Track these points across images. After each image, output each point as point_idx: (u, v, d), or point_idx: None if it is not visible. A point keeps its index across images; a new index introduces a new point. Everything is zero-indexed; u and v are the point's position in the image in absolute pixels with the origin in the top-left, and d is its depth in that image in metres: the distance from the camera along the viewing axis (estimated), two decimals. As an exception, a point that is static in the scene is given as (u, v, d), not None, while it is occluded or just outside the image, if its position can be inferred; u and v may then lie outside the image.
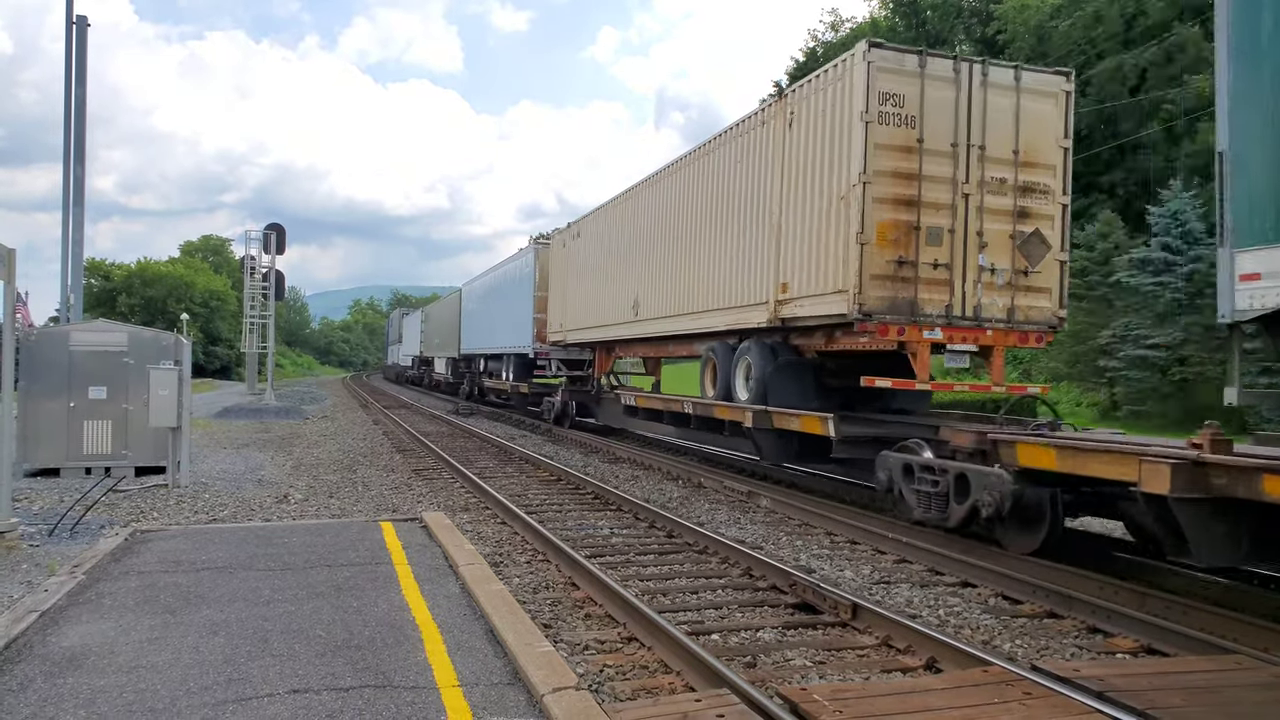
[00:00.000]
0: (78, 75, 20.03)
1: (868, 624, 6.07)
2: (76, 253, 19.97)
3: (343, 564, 7.02)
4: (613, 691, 4.90)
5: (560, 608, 6.58)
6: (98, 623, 5.42)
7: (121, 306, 65.42)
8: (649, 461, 15.24)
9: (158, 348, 12.66)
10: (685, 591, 7.09)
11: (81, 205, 20.02)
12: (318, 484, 12.73)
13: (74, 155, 19.85)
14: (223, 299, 72.62)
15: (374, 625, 5.42)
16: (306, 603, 5.90)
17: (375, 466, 15.01)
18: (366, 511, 10.39)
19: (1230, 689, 4.62)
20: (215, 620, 5.48)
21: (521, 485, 12.93)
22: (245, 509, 10.40)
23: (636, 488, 12.68)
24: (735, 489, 12.09)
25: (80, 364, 12.42)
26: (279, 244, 35.31)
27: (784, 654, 5.59)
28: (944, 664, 5.33)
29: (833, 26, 39.81)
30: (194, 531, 8.48)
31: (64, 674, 4.55)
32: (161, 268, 72.80)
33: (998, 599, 7.01)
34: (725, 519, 10.34)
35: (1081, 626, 6.29)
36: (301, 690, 4.37)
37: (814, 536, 9.42)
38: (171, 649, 4.94)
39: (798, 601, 6.71)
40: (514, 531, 9.44)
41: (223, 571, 6.73)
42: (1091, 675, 4.73)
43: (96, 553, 7.26)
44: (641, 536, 9.32)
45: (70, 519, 8.90)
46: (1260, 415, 19.04)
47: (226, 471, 13.63)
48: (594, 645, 5.70)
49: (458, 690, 4.40)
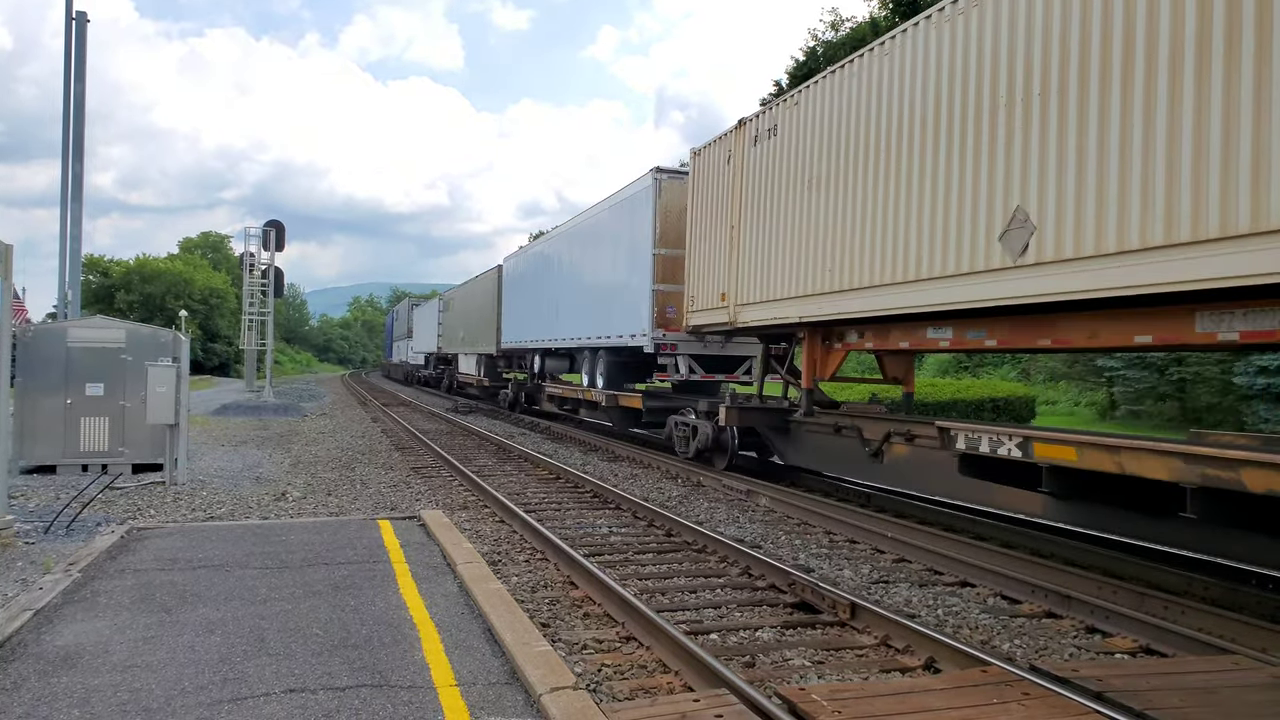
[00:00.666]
0: (77, 71, 20.01)
1: (866, 624, 6.06)
2: (75, 249, 19.95)
3: (340, 562, 7.00)
4: (611, 691, 4.89)
5: (558, 607, 6.57)
6: (93, 621, 5.40)
7: (120, 303, 65.34)
8: (648, 460, 15.24)
9: (156, 344, 12.63)
10: (684, 591, 7.08)
11: (80, 201, 20.01)
12: (316, 482, 12.71)
13: (73, 151, 19.83)
14: (222, 296, 72.55)
15: (371, 624, 5.40)
16: (303, 601, 5.88)
17: (373, 464, 14.99)
18: (364, 509, 10.37)
19: (1228, 689, 4.62)
20: (211, 619, 5.46)
21: (520, 483, 12.92)
22: (243, 507, 10.38)
23: (635, 486, 12.66)
24: (734, 488, 12.08)
25: (78, 360, 12.39)
26: (278, 241, 35.24)
27: (783, 654, 5.58)
28: (943, 664, 5.32)
29: (833, 26, 39.75)
30: (191, 529, 8.46)
31: (58, 673, 4.53)
32: (160, 264, 72.72)
33: (996, 599, 7.01)
34: (724, 518, 10.33)
35: (1080, 626, 6.28)
36: (298, 690, 4.36)
37: (813, 535, 9.41)
38: (167, 648, 4.92)
39: (796, 601, 6.71)
40: (512, 530, 9.43)
41: (219, 569, 6.71)
42: (1090, 675, 4.73)
43: (92, 550, 7.24)
44: (640, 535, 9.31)
45: (66, 516, 8.88)
46: (1259, 415, 19.04)
47: (224, 469, 13.62)
48: (592, 644, 5.69)
49: (455, 689, 4.39)
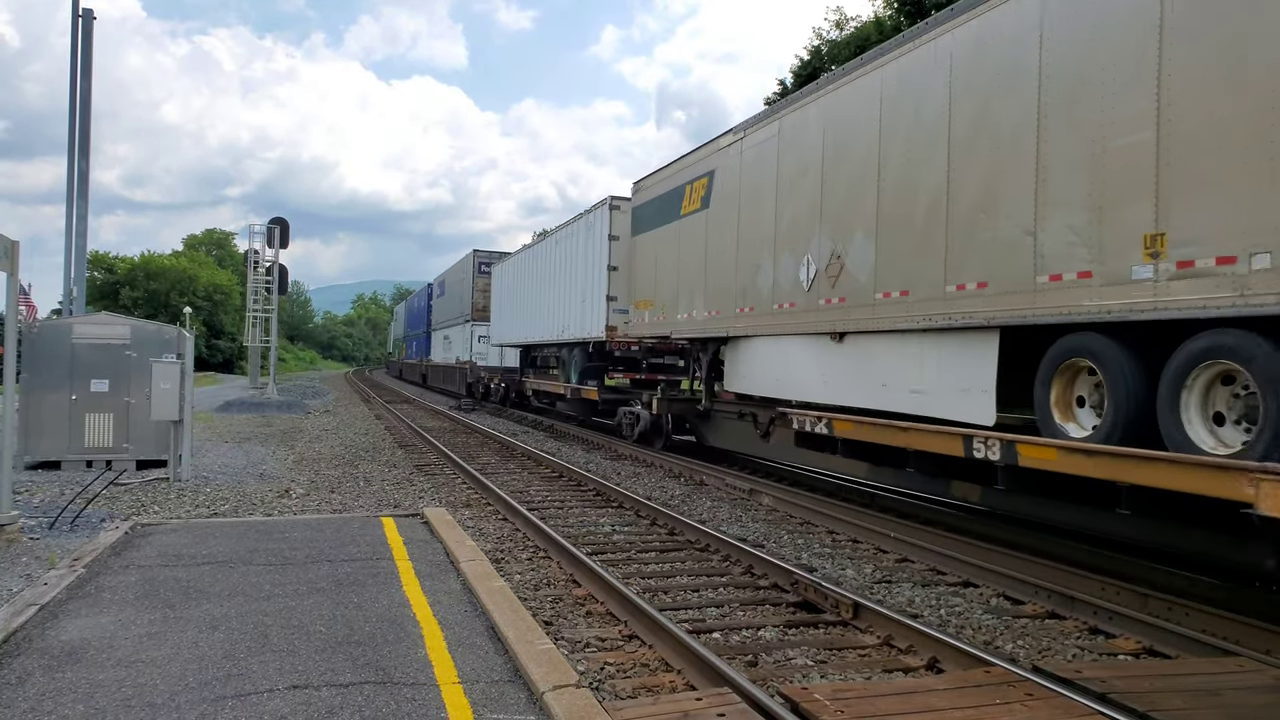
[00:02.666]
0: (83, 69, 20.05)
1: (869, 623, 6.06)
2: (80, 245, 19.99)
3: (344, 559, 7.01)
4: (613, 689, 4.89)
5: (561, 605, 6.57)
6: (97, 616, 5.41)
7: (125, 299, 65.40)
8: (651, 459, 15.24)
9: (160, 341, 12.66)
10: (686, 589, 7.08)
11: (86, 198, 20.06)
12: (319, 479, 12.73)
13: (79, 148, 19.88)
14: (226, 293, 72.62)
15: (374, 621, 5.41)
16: (307, 598, 5.89)
17: (377, 462, 15.01)
18: (368, 507, 10.38)
19: (1232, 691, 4.61)
20: (215, 615, 5.47)
21: (523, 482, 12.92)
22: (246, 503, 10.40)
23: (638, 485, 12.67)
24: (737, 486, 12.07)
25: (82, 357, 12.42)
26: (283, 238, 35.29)
27: (785, 653, 5.58)
28: (946, 664, 5.32)
29: (838, 25, 39.62)
30: (195, 525, 8.48)
31: (63, 668, 4.54)
32: (165, 261, 72.78)
33: (999, 599, 7.00)
34: (727, 516, 10.33)
35: (1083, 627, 6.27)
36: (301, 686, 4.36)
37: (816, 535, 9.41)
38: (171, 643, 4.93)
39: (799, 600, 6.70)
40: (515, 528, 9.44)
41: (223, 566, 6.72)
42: (1093, 676, 4.72)
43: (96, 546, 7.26)
44: (643, 534, 9.31)
45: (71, 512, 8.89)
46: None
47: (228, 466, 13.64)
48: (595, 643, 5.69)
49: (458, 687, 4.39)
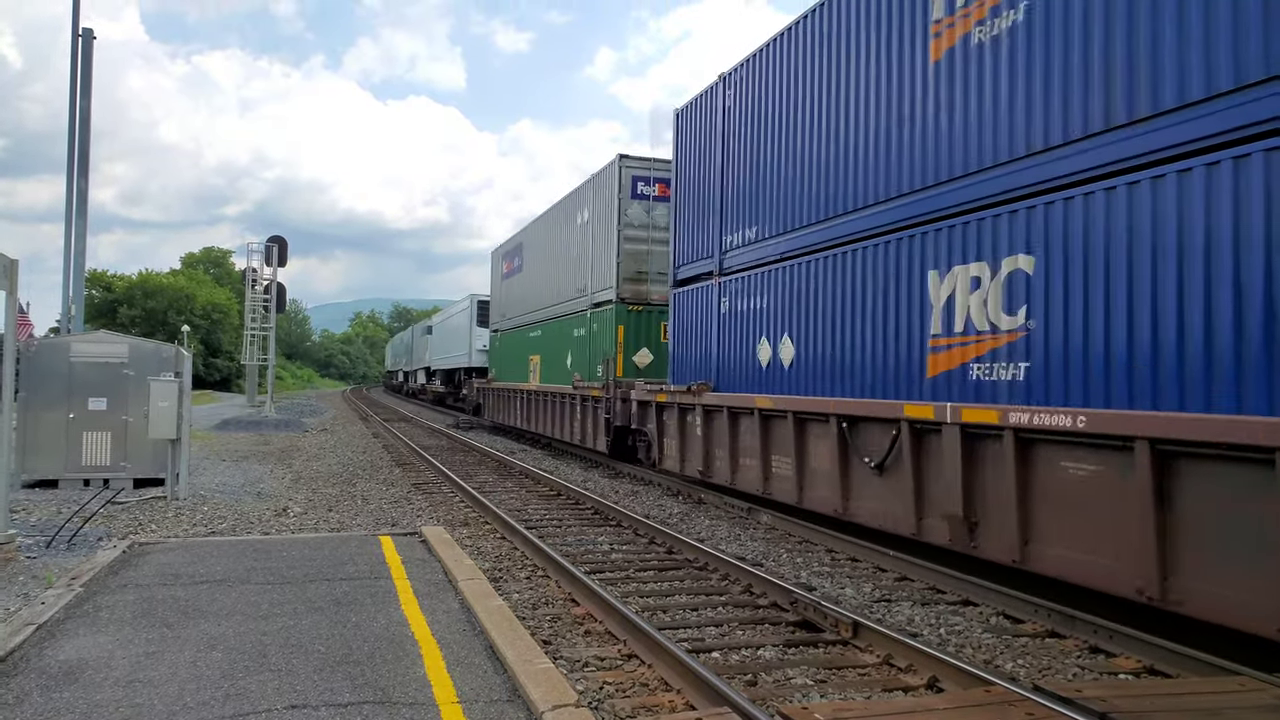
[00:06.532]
0: (83, 87, 20.14)
1: (869, 642, 6.04)
2: (78, 264, 20.01)
3: (342, 578, 6.99)
4: (612, 709, 4.87)
5: (560, 624, 6.55)
6: (95, 636, 5.39)
7: (122, 318, 65.39)
8: (649, 477, 15.22)
9: (158, 359, 12.67)
10: (685, 608, 7.06)
11: (84, 216, 20.09)
12: (317, 497, 12.70)
13: (78, 167, 19.93)
14: (224, 311, 72.65)
15: (373, 640, 5.39)
16: (305, 617, 5.87)
17: (375, 480, 14.98)
18: (366, 525, 10.36)
19: (1233, 711, 4.59)
20: (213, 634, 5.45)
21: (521, 500, 12.90)
22: (244, 522, 10.37)
23: (636, 503, 12.64)
24: (736, 505, 12.06)
25: (80, 375, 12.42)
26: (281, 256, 35.38)
27: (785, 672, 5.57)
28: (945, 683, 5.30)
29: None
30: (192, 544, 8.45)
31: (60, 687, 4.53)
32: (163, 279, 72.86)
33: (999, 618, 6.98)
34: (725, 535, 10.31)
35: (1083, 646, 6.26)
36: (299, 706, 4.35)
37: (814, 554, 9.39)
38: (168, 663, 4.91)
39: (798, 619, 6.69)
40: (514, 547, 9.41)
41: (221, 585, 6.70)
42: (1094, 696, 4.70)
43: (94, 565, 7.24)
44: (641, 553, 9.29)
45: (68, 531, 8.87)
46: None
47: (225, 484, 13.61)
48: (594, 662, 5.67)
49: (457, 707, 4.38)
